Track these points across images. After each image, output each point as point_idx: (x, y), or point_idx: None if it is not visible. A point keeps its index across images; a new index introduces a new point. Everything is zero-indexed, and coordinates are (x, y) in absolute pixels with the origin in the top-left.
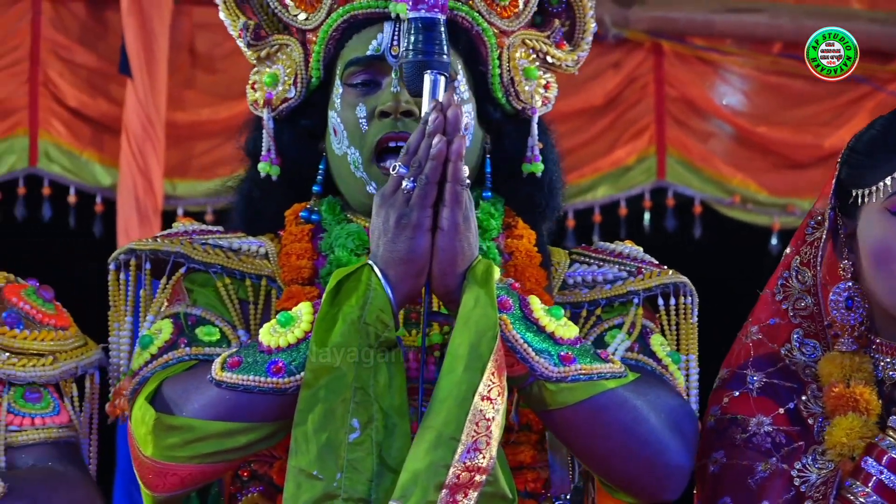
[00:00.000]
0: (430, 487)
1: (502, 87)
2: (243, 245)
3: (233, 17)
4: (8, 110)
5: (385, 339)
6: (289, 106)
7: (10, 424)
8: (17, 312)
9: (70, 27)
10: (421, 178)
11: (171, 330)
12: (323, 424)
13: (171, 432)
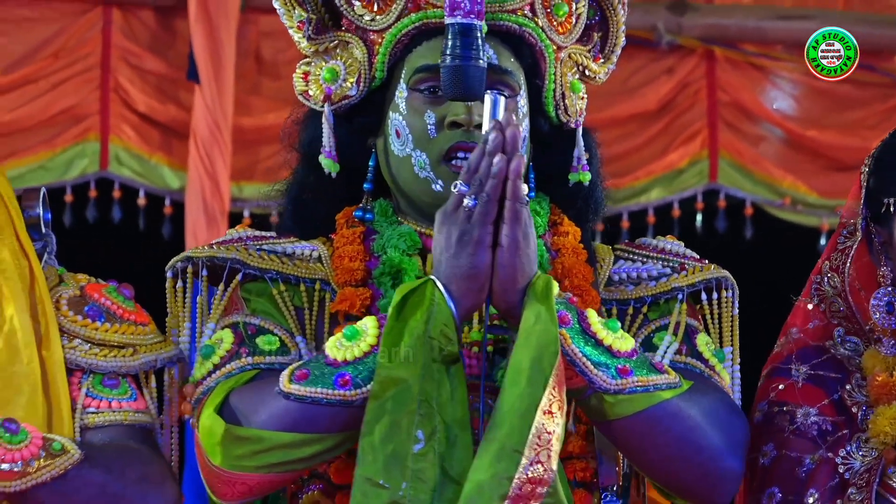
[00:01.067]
0: (494, 499)
1: (553, 102)
2: (296, 249)
3: (288, 9)
4: (80, 116)
5: (448, 352)
6: (348, 103)
7: (88, 407)
8: (99, 307)
9: (140, 35)
10: (482, 196)
11: (232, 340)
12: (389, 435)
13: (239, 443)
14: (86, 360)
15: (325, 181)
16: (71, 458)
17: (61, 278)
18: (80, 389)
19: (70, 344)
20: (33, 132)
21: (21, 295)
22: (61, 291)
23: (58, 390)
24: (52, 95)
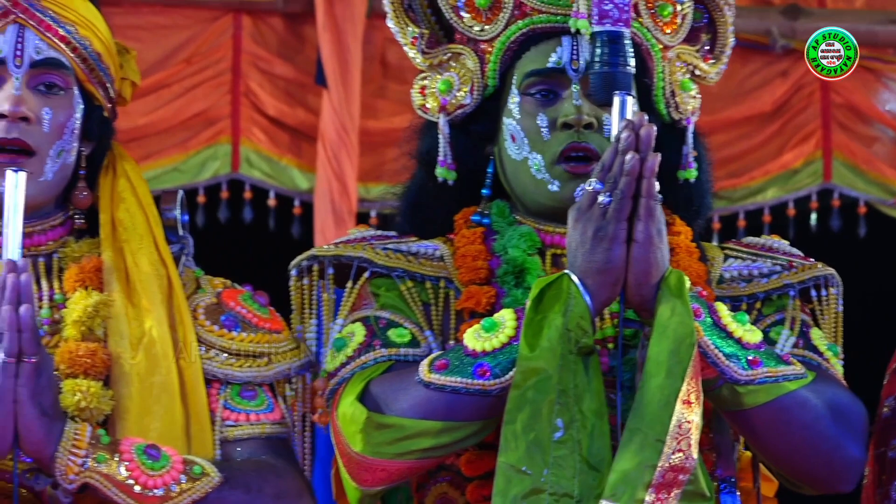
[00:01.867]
0: (639, 486)
1: (664, 99)
2: (420, 248)
3: (401, 26)
4: (212, 119)
5: (584, 344)
6: (463, 112)
7: (227, 420)
8: (235, 316)
9: (269, 41)
10: (616, 193)
11: (364, 332)
12: (530, 424)
13: (380, 430)
14: (222, 370)
15: (442, 186)
16: (211, 482)
17: (199, 283)
18: (218, 401)
19: (207, 354)
20: (167, 135)
21: (159, 305)
22: (198, 300)
23: (197, 400)
24: (185, 100)
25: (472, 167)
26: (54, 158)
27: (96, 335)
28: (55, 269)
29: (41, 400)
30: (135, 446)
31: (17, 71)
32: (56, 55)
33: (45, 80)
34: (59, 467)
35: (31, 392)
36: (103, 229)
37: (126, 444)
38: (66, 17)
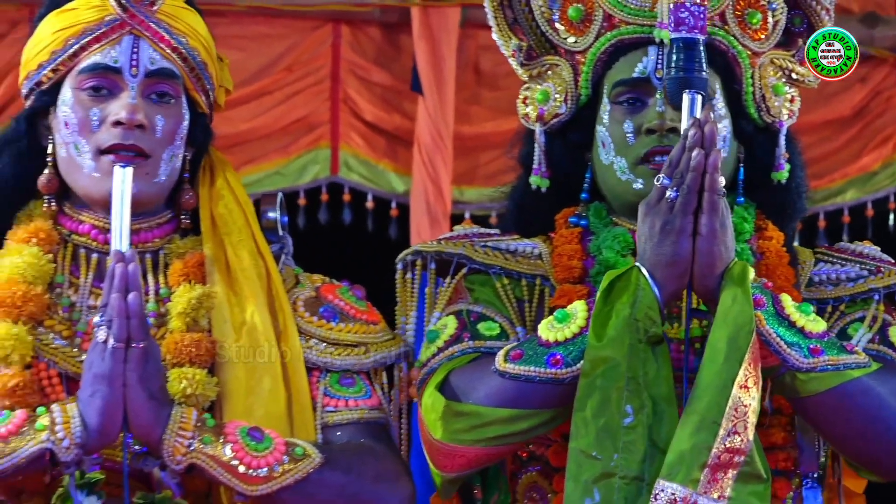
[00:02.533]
0: (695, 466)
1: (755, 104)
2: (519, 247)
3: (505, 38)
4: (312, 125)
5: (653, 333)
6: (559, 121)
7: (327, 406)
8: (333, 308)
9: (367, 49)
10: (682, 188)
11: (456, 325)
12: (600, 410)
13: (458, 418)
14: (321, 359)
15: (542, 191)
16: (312, 462)
17: (298, 279)
18: (318, 388)
19: (307, 344)
20: (269, 140)
21: (259, 293)
22: (298, 293)
23: (298, 382)
24: (286, 106)
25: (570, 173)
26: (167, 162)
27: (200, 326)
28: (161, 264)
29: (149, 384)
30: (239, 428)
31: (133, 80)
32: (168, 65)
33: (157, 90)
34: (167, 449)
35: (139, 376)
36: (203, 225)
37: (231, 427)
38: (177, 29)
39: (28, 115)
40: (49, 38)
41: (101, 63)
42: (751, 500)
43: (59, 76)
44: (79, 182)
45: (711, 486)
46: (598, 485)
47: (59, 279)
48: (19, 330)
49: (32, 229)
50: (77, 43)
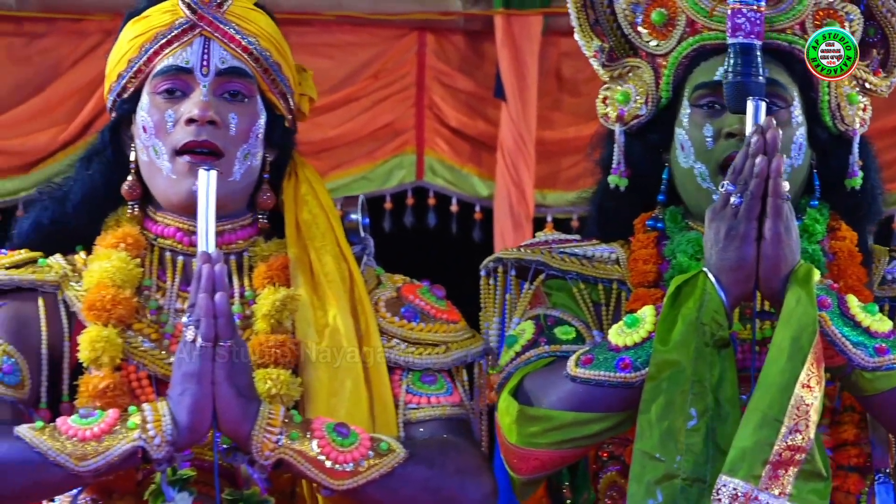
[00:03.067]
0: (757, 463)
1: (830, 112)
2: (596, 252)
3: (587, 39)
4: (398, 131)
5: (719, 337)
6: (639, 122)
7: (409, 403)
8: (414, 308)
9: (451, 57)
10: (746, 194)
11: (533, 330)
12: (664, 413)
13: (532, 422)
14: (403, 358)
15: (620, 192)
16: (397, 457)
17: (379, 280)
18: (400, 386)
19: (388, 343)
20: (356, 146)
21: (342, 297)
22: (379, 294)
23: (380, 382)
24: (373, 113)
25: (648, 174)
26: (241, 160)
27: (284, 327)
28: (245, 267)
29: (237, 381)
30: (325, 424)
31: (204, 79)
32: (239, 64)
33: (229, 88)
34: (256, 444)
35: (227, 374)
36: (288, 229)
37: (317, 423)
38: (247, 30)
39: (112, 125)
40: (126, 46)
41: (173, 65)
42: (811, 497)
43: (137, 84)
44: (159, 186)
45: (773, 482)
46: (660, 486)
47: (147, 283)
48: (109, 333)
49: (120, 235)
50: (151, 48)
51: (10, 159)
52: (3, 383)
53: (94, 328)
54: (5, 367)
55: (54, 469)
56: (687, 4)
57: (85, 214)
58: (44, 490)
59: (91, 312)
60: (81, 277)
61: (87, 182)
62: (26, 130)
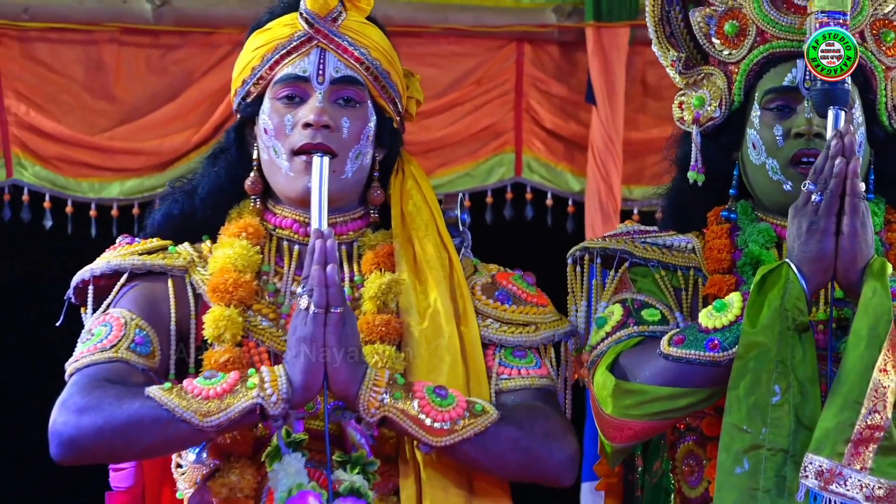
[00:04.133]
0: (839, 442)
1: (887, 112)
2: (675, 242)
3: (663, 50)
4: (498, 132)
5: (800, 322)
6: (714, 124)
7: (501, 374)
8: (507, 292)
9: (546, 65)
10: (827, 193)
11: (622, 312)
12: (751, 389)
13: (627, 395)
14: (497, 336)
15: (696, 188)
16: (490, 418)
17: (476, 268)
18: (494, 360)
19: (484, 323)
20: (460, 146)
21: (442, 281)
22: (476, 279)
23: (476, 359)
24: (475, 116)
25: (720, 171)
26: (353, 160)
27: (390, 308)
28: (355, 255)
29: (346, 345)
30: (426, 387)
31: (320, 87)
32: (352, 73)
33: (343, 95)
34: (363, 403)
35: (337, 338)
36: (394, 220)
37: (418, 385)
38: (360, 42)
39: (237, 126)
40: (250, 56)
41: (292, 74)
42: (890, 470)
43: (259, 89)
44: (278, 182)
45: (854, 458)
46: (747, 455)
47: (266, 268)
48: (231, 312)
49: (242, 225)
50: (272, 58)
51: (149, 159)
52: (136, 353)
53: (217, 308)
54: (138, 338)
55: (181, 424)
56: (758, 16)
57: (211, 207)
58: (172, 444)
59: (215, 294)
60: (207, 263)
61: (214, 177)
62: (162, 133)
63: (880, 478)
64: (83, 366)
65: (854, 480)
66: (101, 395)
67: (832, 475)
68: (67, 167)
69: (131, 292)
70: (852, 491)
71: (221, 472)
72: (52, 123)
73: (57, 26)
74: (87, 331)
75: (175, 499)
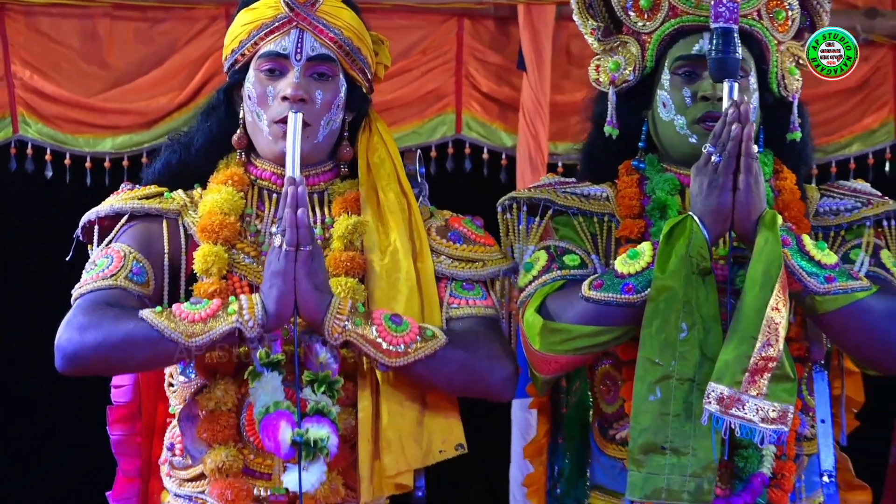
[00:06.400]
0: (738, 372)
1: (776, 81)
2: (591, 191)
3: (583, 20)
4: (441, 95)
5: (703, 267)
6: (628, 85)
7: (451, 304)
8: (458, 233)
9: (483, 37)
10: (725, 154)
11: (546, 258)
12: (662, 327)
13: (553, 334)
14: (449, 270)
15: (610, 142)
16: (439, 342)
17: (432, 213)
18: (446, 291)
19: (438, 259)
20: (408, 107)
21: (402, 224)
22: (432, 223)
23: (430, 291)
24: (421, 81)
25: (631, 127)
26: (324, 127)
27: (355, 246)
28: (325, 201)
29: (314, 279)
30: (383, 315)
31: (297, 63)
32: (326, 51)
33: (317, 70)
34: (328, 328)
35: (306, 272)
36: (361, 171)
37: (377, 313)
38: (334, 24)
39: (226, 88)
40: (239, 29)
41: (273, 50)
42: (782, 394)
43: (246, 59)
44: (259, 142)
45: (751, 385)
46: (659, 385)
47: (248, 212)
48: (217, 249)
49: (229, 174)
50: (257, 34)
51: (137, 118)
52: (134, 281)
53: (206, 246)
54: (135, 269)
55: (169, 343)
56: None
57: (203, 157)
58: (161, 360)
59: (204, 233)
60: (197, 208)
61: (206, 132)
62: (149, 95)
63: (774, 402)
64: (87, 291)
65: (751, 405)
66: (100, 316)
67: (732, 401)
68: (66, 125)
69: (130, 230)
70: (749, 414)
71: (208, 388)
72: (53, 87)
73: (57, 2)
74: (92, 262)
75: (167, 413)
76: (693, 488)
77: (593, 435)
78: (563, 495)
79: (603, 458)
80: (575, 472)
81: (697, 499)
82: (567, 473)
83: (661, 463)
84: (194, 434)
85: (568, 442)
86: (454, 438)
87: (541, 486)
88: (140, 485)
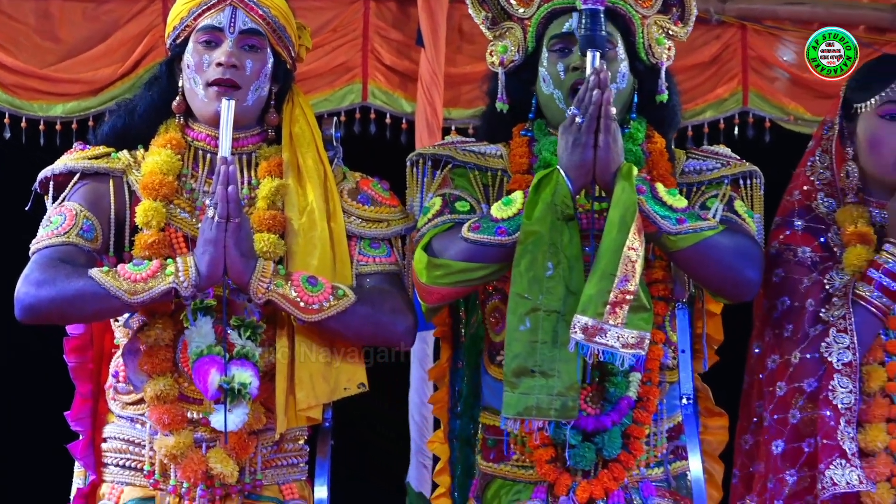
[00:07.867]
0: (600, 304)
1: (644, 50)
2: (487, 150)
3: (476, 11)
4: (349, 67)
5: (567, 214)
6: (514, 65)
7: (360, 261)
8: (367, 195)
9: (387, 17)
10: (587, 116)
11: (440, 203)
12: (530, 266)
13: (436, 268)
14: (358, 230)
15: (502, 114)
16: (349, 300)
17: (345, 175)
18: (355, 249)
19: (348, 220)
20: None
21: (318, 186)
22: (344, 185)
23: (341, 248)
24: (332, 55)
25: (521, 100)
26: (253, 92)
27: (277, 206)
28: (252, 164)
29: (241, 246)
30: (301, 277)
31: (231, 36)
32: (255, 26)
33: (248, 43)
34: (252, 289)
35: (235, 241)
36: (284, 139)
37: (296, 276)
38: (263, 3)
39: (168, 60)
40: (180, 8)
41: (210, 24)
42: (640, 323)
43: (185, 35)
44: (196, 105)
45: (612, 316)
46: (529, 316)
47: (185, 171)
48: (157, 205)
49: (168, 138)
50: (196, 11)
51: (84, 87)
52: (84, 238)
53: (146, 202)
54: (85, 226)
55: (114, 300)
56: None
57: (146, 122)
58: (107, 313)
59: (145, 191)
60: (140, 167)
61: (149, 99)
62: (95, 67)
63: (632, 329)
64: (42, 247)
65: (612, 333)
66: (55, 273)
67: (595, 330)
68: (22, 92)
69: (81, 190)
70: (611, 341)
71: (148, 325)
72: (11, 59)
73: None
74: (47, 218)
75: (114, 344)
76: (559, 406)
77: (483, 361)
78: (461, 413)
79: (490, 380)
80: (471, 394)
81: (563, 415)
82: (465, 394)
83: (531, 384)
84: (136, 366)
85: (466, 367)
86: (357, 378)
87: (444, 404)
88: (92, 405)
